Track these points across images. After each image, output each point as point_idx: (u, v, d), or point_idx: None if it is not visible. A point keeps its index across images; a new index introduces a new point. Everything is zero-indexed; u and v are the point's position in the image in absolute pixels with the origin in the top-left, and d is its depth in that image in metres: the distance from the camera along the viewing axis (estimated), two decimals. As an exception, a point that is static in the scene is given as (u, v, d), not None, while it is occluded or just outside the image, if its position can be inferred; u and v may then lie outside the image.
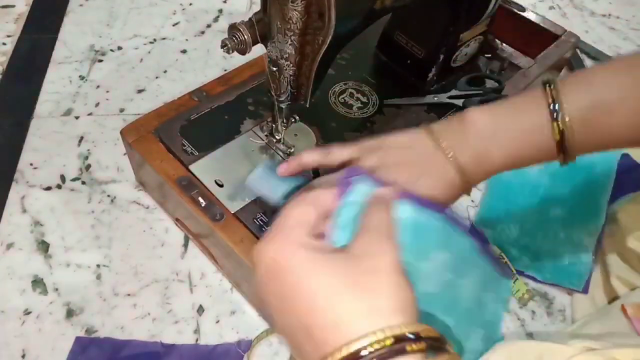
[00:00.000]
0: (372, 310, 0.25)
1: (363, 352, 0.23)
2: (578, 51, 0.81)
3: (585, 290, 0.53)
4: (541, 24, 0.69)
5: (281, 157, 0.53)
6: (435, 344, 0.25)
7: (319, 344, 0.25)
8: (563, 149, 0.34)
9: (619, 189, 0.54)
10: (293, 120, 0.54)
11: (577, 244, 0.54)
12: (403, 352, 0.24)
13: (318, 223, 0.29)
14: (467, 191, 0.37)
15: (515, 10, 0.70)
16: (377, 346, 0.23)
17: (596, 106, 0.34)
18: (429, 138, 0.36)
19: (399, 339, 0.24)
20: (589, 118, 0.34)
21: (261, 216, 0.48)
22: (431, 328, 0.25)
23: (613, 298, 0.50)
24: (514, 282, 0.52)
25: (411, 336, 0.24)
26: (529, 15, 0.69)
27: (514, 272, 0.53)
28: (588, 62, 0.81)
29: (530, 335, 0.51)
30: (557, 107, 0.33)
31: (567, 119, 0.33)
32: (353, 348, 0.24)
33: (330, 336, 0.24)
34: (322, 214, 0.30)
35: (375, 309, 0.25)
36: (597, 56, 0.82)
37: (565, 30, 0.68)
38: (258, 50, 0.45)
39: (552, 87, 0.34)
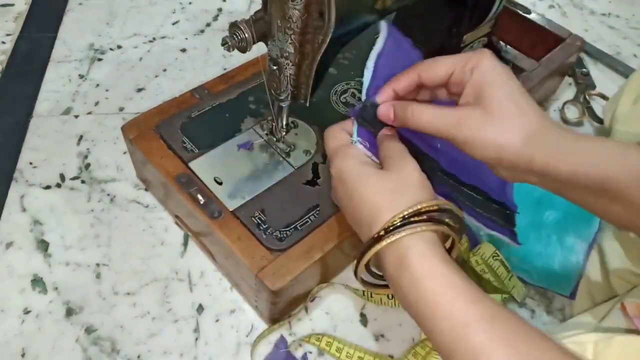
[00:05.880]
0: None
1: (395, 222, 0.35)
2: (578, 50, 0.81)
3: (572, 296, 0.52)
4: (546, 27, 0.68)
5: (281, 156, 0.53)
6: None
7: (370, 227, 0.37)
8: None
9: None
10: (292, 125, 0.54)
11: (569, 249, 0.54)
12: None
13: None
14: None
15: (520, 12, 0.69)
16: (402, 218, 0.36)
17: None
18: None
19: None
20: None
21: (259, 214, 0.48)
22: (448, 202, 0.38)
23: (613, 297, 0.50)
24: (509, 279, 0.52)
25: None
26: (534, 17, 0.69)
27: (509, 269, 0.53)
28: (588, 60, 0.81)
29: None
30: None
31: None
32: (390, 222, 0.36)
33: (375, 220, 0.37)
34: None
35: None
36: (597, 55, 0.82)
37: (571, 33, 0.68)
38: (258, 49, 0.45)
39: None
